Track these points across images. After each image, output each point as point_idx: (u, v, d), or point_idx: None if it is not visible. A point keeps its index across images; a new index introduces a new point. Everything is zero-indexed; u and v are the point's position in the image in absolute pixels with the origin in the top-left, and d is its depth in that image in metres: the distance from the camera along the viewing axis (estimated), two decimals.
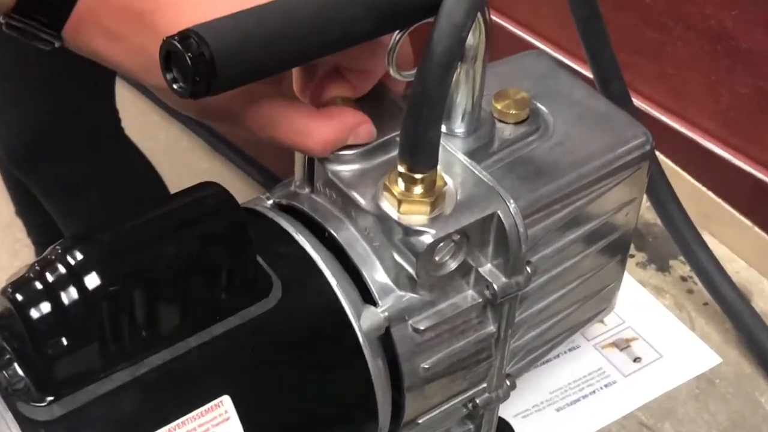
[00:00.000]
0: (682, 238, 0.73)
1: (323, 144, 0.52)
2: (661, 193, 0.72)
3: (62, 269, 0.44)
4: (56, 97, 1.19)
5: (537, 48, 1.13)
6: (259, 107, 0.50)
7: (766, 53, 1.01)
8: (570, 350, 0.71)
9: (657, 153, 0.75)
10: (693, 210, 0.73)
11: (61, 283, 0.44)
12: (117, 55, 0.51)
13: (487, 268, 0.53)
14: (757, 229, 0.78)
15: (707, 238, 0.74)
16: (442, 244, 0.51)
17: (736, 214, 0.79)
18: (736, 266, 0.77)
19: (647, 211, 0.78)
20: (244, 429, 0.47)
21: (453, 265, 0.52)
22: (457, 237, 0.51)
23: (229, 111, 0.51)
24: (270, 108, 0.51)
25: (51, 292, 0.44)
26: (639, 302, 0.74)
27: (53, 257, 0.44)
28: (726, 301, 0.71)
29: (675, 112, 1.09)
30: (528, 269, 0.53)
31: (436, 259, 0.51)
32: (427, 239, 0.50)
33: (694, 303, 0.75)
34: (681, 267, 0.77)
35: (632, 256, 0.78)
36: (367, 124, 0.53)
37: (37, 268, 0.45)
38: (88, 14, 0.50)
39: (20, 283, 0.44)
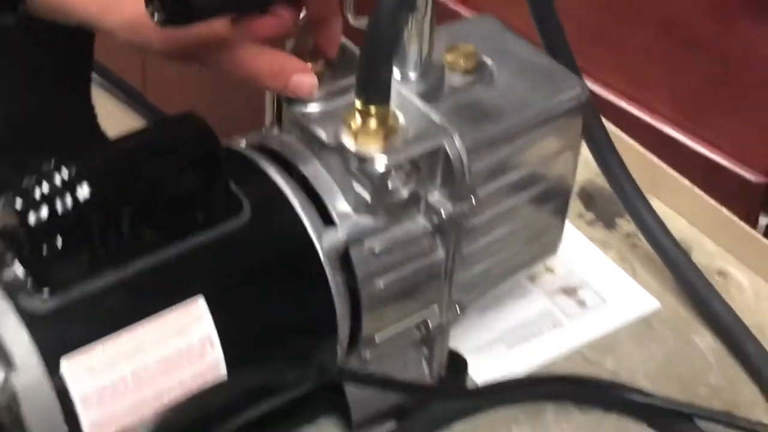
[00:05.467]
0: (627, 197, 0.80)
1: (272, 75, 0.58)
2: (606, 156, 0.79)
3: (58, 180, 0.51)
4: (28, 93, 1.20)
5: None
6: (226, 48, 0.57)
7: (715, 40, 1.09)
8: (522, 297, 0.77)
9: (612, 127, 0.83)
10: (641, 175, 0.80)
11: (57, 192, 0.51)
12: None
13: (435, 197, 0.60)
14: (697, 190, 0.85)
15: (654, 202, 0.81)
16: (394, 172, 0.58)
17: (679, 177, 0.86)
18: (678, 224, 0.85)
19: (598, 177, 0.85)
20: (216, 327, 0.54)
21: (405, 192, 0.59)
22: (408, 167, 0.59)
23: (197, 51, 0.57)
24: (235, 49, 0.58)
25: (47, 201, 0.51)
26: (587, 255, 0.82)
27: (50, 170, 0.52)
28: (666, 252, 0.79)
29: (633, 98, 1.17)
30: (473, 198, 0.61)
31: (390, 185, 0.58)
32: (380, 167, 0.57)
33: (637, 256, 0.82)
34: (626, 225, 0.84)
35: (581, 216, 0.85)
36: (308, 75, 0.59)
37: (34, 180, 0.52)
38: None
39: (21, 193, 0.51)
